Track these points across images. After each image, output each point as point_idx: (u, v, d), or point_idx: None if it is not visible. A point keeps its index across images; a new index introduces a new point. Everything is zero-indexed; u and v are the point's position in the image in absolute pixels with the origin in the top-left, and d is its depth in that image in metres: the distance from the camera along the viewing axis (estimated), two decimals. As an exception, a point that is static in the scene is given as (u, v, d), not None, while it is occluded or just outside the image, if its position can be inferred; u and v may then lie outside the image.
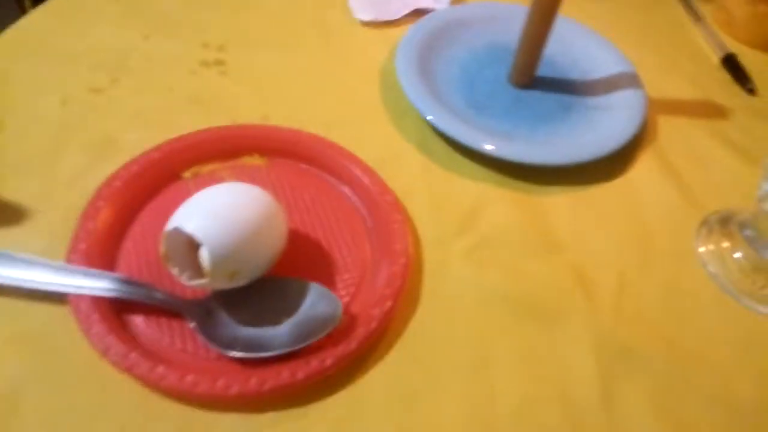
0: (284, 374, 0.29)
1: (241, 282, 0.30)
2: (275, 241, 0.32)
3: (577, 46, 0.50)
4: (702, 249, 0.39)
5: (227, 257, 0.29)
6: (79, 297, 0.30)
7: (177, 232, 0.28)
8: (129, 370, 0.28)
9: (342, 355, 0.30)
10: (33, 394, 0.28)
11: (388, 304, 0.32)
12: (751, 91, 0.52)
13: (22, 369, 0.29)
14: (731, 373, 0.33)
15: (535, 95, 0.47)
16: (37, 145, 0.38)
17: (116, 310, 0.31)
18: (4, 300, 0.31)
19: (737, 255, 0.38)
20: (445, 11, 0.52)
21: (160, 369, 0.28)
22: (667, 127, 0.47)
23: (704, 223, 0.41)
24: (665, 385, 0.32)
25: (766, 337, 0.35)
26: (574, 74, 0.49)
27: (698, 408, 0.32)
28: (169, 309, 0.31)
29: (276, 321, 0.31)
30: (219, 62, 0.46)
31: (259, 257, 0.31)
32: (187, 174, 0.37)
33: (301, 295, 0.32)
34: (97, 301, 0.30)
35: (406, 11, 0.53)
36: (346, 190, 0.38)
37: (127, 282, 0.31)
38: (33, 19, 0.47)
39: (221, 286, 0.30)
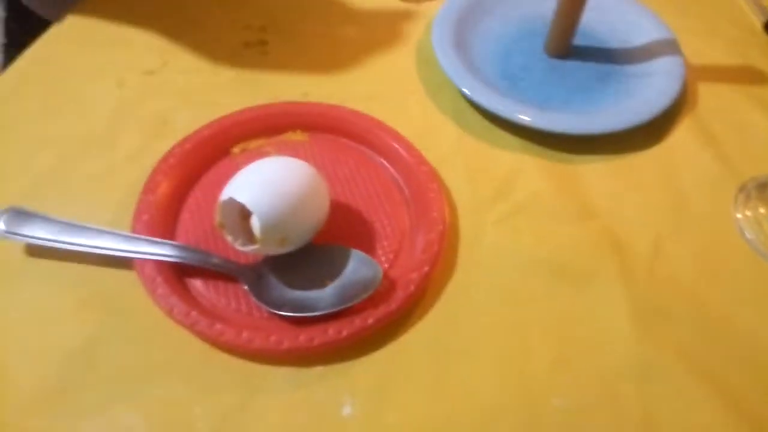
0: (330, 332, 0.31)
1: (289, 248, 0.33)
2: (319, 210, 0.34)
3: (614, 13, 0.50)
4: (739, 215, 0.39)
5: (276, 225, 0.31)
6: (144, 262, 0.33)
7: (231, 202, 0.31)
8: (191, 326, 0.31)
9: (383, 315, 0.32)
10: (106, 350, 0.32)
11: (426, 268, 0.34)
12: (797, 54, 0.50)
13: (95, 328, 0.32)
14: (763, 335, 0.34)
15: (571, 65, 0.47)
16: (98, 126, 0.42)
17: (177, 274, 0.33)
18: (77, 266, 0.34)
19: (776, 220, 0.38)
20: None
21: (219, 326, 0.31)
22: (707, 93, 0.47)
23: (742, 189, 0.41)
24: (697, 344, 0.33)
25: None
26: (612, 42, 0.49)
27: (728, 367, 0.33)
28: (224, 273, 0.33)
29: (321, 284, 0.33)
30: (261, 42, 0.48)
31: (305, 225, 0.33)
32: (235, 149, 0.40)
33: (344, 260, 0.34)
34: (160, 266, 0.33)
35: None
36: (385, 161, 0.40)
37: (186, 248, 0.33)
38: (87, 7, 0.50)
39: (271, 251, 0.33)
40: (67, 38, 0.48)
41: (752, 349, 0.33)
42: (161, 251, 0.33)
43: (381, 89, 0.45)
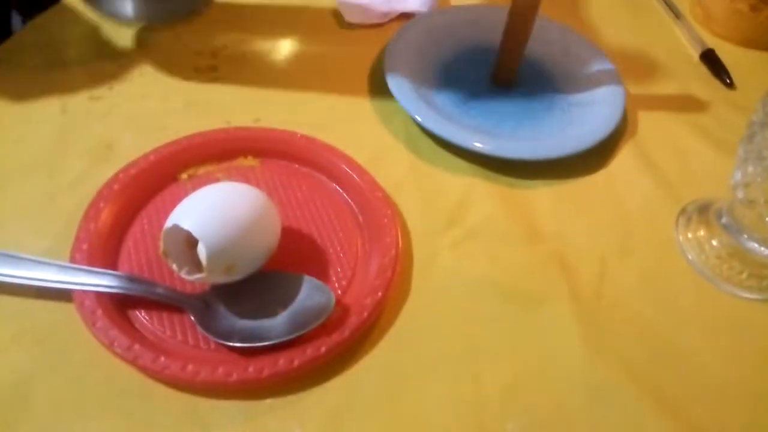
0: (281, 362, 0.30)
1: (237, 276, 0.32)
2: (269, 236, 0.33)
3: (558, 45, 0.52)
4: (681, 237, 0.41)
5: (223, 252, 0.30)
6: (84, 294, 0.31)
7: (175, 229, 0.30)
8: (133, 361, 0.29)
9: (336, 343, 0.31)
10: (42, 387, 0.30)
11: (379, 294, 0.34)
12: (730, 84, 0.53)
13: (31, 363, 0.30)
14: (710, 356, 0.35)
15: (517, 94, 0.49)
16: (39, 152, 0.40)
17: (119, 306, 0.32)
18: (12, 299, 0.32)
19: (715, 242, 0.40)
20: (429, 15, 0.53)
21: (163, 359, 0.29)
22: (647, 121, 0.49)
23: (683, 212, 0.42)
24: (645, 365, 0.34)
25: (743, 321, 0.37)
26: (556, 73, 0.51)
27: (676, 386, 0.33)
28: (169, 303, 0.32)
29: (272, 313, 0.32)
30: (212, 68, 0.48)
31: (253, 252, 0.32)
32: (183, 176, 0.39)
33: (295, 287, 0.33)
34: (101, 298, 0.31)
35: (393, 15, 0.54)
36: (338, 187, 0.40)
37: (129, 279, 0.32)
38: (31, 30, 0.49)
39: (218, 280, 0.32)
40: (9, 61, 0.46)
41: (698, 368, 0.34)
42: (102, 281, 0.31)
43: (334, 115, 0.45)
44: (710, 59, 0.55)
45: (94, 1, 0.45)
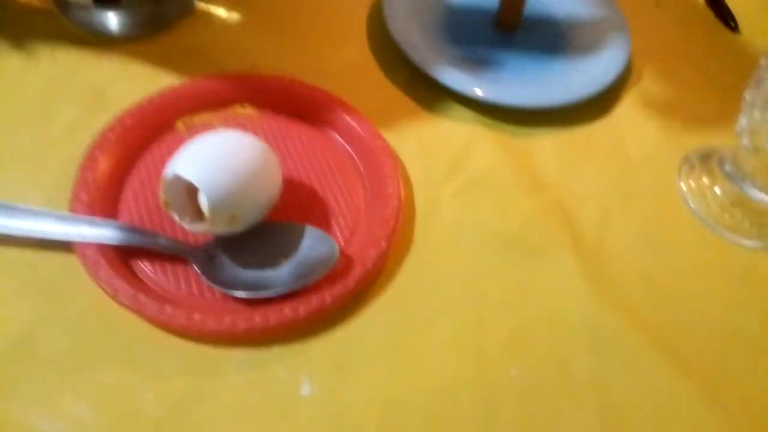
0: (286, 311, 0.30)
1: (239, 226, 0.32)
2: (271, 186, 0.33)
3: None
4: (683, 185, 0.41)
5: (225, 202, 0.30)
6: (86, 245, 0.31)
7: (176, 178, 0.29)
8: (138, 311, 0.29)
9: (340, 293, 0.31)
10: (48, 337, 0.30)
11: (383, 244, 0.33)
12: (735, 28, 0.52)
13: (36, 314, 0.30)
14: (712, 304, 0.35)
15: (521, 39, 0.47)
16: (29, 99, 0.39)
17: (122, 256, 0.32)
18: (13, 250, 0.32)
19: (717, 190, 0.40)
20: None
21: (168, 309, 0.29)
22: (651, 67, 0.48)
23: (686, 160, 0.42)
24: (648, 312, 0.34)
25: (745, 269, 0.37)
26: (559, 17, 0.49)
27: (678, 332, 0.34)
28: (172, 254, 0.32)
29: (276, 263, 0.32)
30: (205, 14, 0.46)
31: (256, 202, 0.32)
32: (180, 124, 0.38)
33: (299, 238, 0.33)
34: (103, 248, 0.31)
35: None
36: (339, 137, 0.39)
37: (131, 229, 0.32)
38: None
39: (221, 230, 0.32)
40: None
41: (700, 314, 0.35)
42: (103, 232, 0.31)
43: (333, 63, 0.44)
44: (715, 2, 0.54)
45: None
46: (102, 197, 0.33)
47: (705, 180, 0.41)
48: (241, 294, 0.31)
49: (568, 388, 0.31)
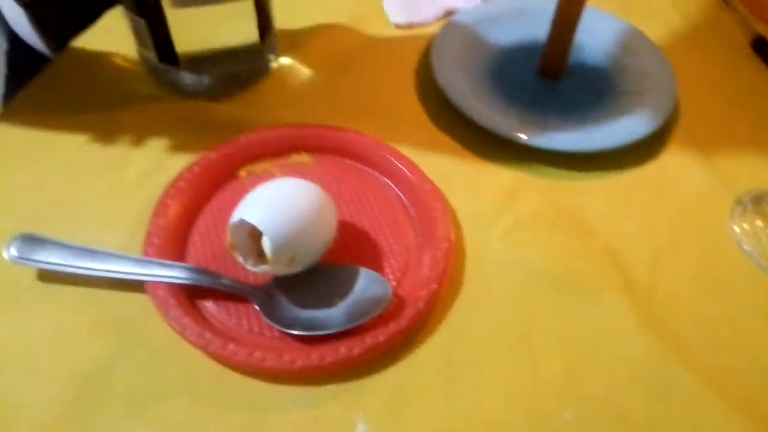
0: (342, 350, 0.31)
1: (298, 267, 0.33)
2: (327, 229, 0.34)
3: (605, 34, 0.52)
4: (736, 228, 0.41)
5: (286, 244, 0.32)
6: (156, 285, 0.33)
7: (242, 223, 0.31)
8: (204, 347, 0.31)
9: (394, 333, 0.32)
10: (120, 372, 0.32)
11: (434, 286, 0.34)
12: (783, 71, 0.52)
13: (109, 350, 0.33)
14: (765, 346, 0.35)
15: (566, 85, 0.49)
16: (107, 150, 0.42)
17: (189, 296, 0.34)
18: (90, 290, 0.34)
19: (771, 232, 0.40)
20: (476, 8, 0.54)
21: (231, 346, 0.31)
22: (699, 110, 0.48)
23: (738, 202, 0.42)
24: (703, 356, 0.34)
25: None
26: (604, 63, 0.51)
27: (735, 376, 0.33)
28: (235, 294, 0.34)
29: (331, 303, 0.34)
30: (276, 73, 0.49)
31: (314, 244, 0.34)
32: (242, 173, 0.41)
33: (353, 279, 0.34)
34: (172, 288, 0.33)
35: (440, 12, 0.55)
36: (389, 181, 0.41)
37: (197, 270, 0.34)
38: (96, 33, 0.51)
39: (281, 271, 0.33)
40: (73, 64, 0.48)
41: (758, 358, 0.34)
42: (173, 273, 0.33)
43: (382, 110, 0.46)
44: (761, 46, 0.54)
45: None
46: (172, 241, 0.36)
47: (759, 222, 0.40)
48: (298, 332, 0.32)
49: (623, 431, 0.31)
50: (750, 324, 0.36)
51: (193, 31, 0.42)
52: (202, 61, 0.44)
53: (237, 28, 0.44)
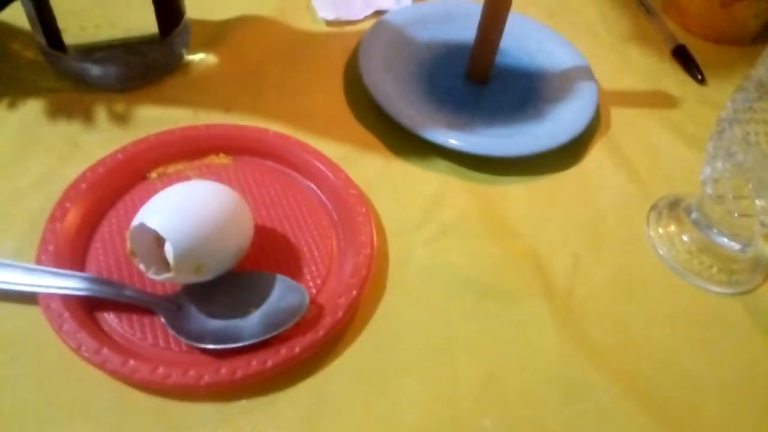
0: (254, 363, 0.30)
1: (207, 276, 0.31)
2: (240, 236, 0.33)
3: (531, 41, 0.52)
4: (652, 233, 0.42)
5: (191, 252, 0.30)
6: (50, 297, 0.30)
7: (142, 228, 0.29)
8: (102, 365, 0.29)
9: (310, 343, 0.31)
10: (8, 392, 0.29)
11: (354, 293, 0.33)
12: (701, 80, 0.54)
13: (-3, 369, 0.30)
14: (682, 349, 0.35)
15: (492, 90, 0.49)
16: (1, 150, 0.39)
17: (87, 308, 0.31)
18: (-25, 302, 0.31)
19: (685, 237, 0.41)
20: (405, 9, 0.53)
21: (132, 363, 0.29)
22: (620, 117, 0.49)
23: (654, 207, 0.43)
24: (619, 360, 0.34)
25: (714, 315, 0.38)
26: (530, 69, 0.51)
27: (650, 381, 0.34)
28: (139, 305, 0.32)
29: (245, 313, 0.32)
30: (188, 66, 0.47)
31: (224, 252, 0.32)
32: (153, 174, 0.38)
33: (268, 287, 0.33)
34: (68, 300, 0.30)
35: (369, 11, 0.54)
36: (312, 185, 0.40)
37: (96, 281, 0.31)
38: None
39: (187, 280, 0.31)
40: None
41: (672, 361, 0.35)
42: (68, 284, 0.31)
43: (307, 111, 0.45)
44: (682, 55, 0.56)
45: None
46: (70, 248, 0.33)
47: (673, 227, 0.41)
48: (207, 346, 0.30)
49: (540, 440, 0.31)
50: (663, 328, 0.36)
51: (83, 17, 0.40)
52: (99, 51, 0.41)
53: (132, 17, 0.41)
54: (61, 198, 0.35)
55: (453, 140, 0.42)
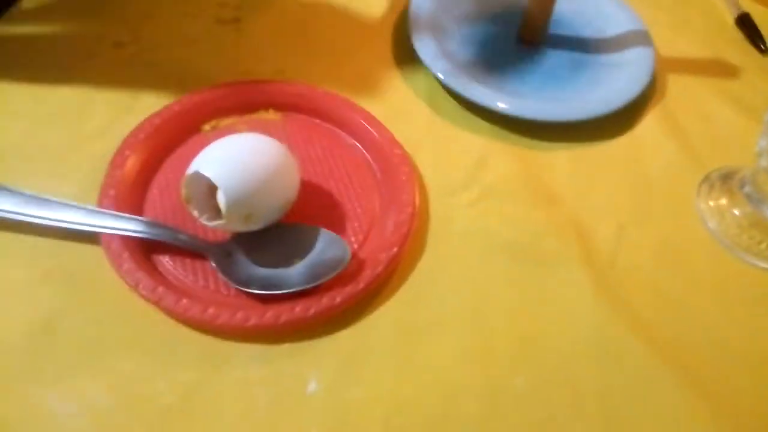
0: (297, 309, 0.31)
1: (256, 225, 0.33)
2: (288, 189, 0.34)
3: (588, 3, 0.51)
4: (702, 205, 0.41)
5: (242, 201, 0.31)
6: (111, 237, 0.32)
7: (196, 176, 0.31)
8: (157, 302, 0.31)
9: (350, 295, 0.32)
10: (70, 323, 0.31)
11: (395, 249, 0.34)
12: (764, 50, 0.52)
13: (59, 301, 0.32)
14: (724, 323, 0.35)
15: (545, 53, 0.48)
16: (65, 99, 0.41)
17: (145, 250, 0.33)
18: (42, 239, 0.33)
19: (736, 211, 0.40)
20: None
21: (185, 302, 0.31)
22: (676, 85, 0.48)
23: (706, 179, 0.42)
24: (657, 328, 0.34)
25: (761, 291, 0.37)
26: (585, 32, 0.50)
27: (686, 349, 0.34)
28: (192, 250, 0.33)
29: (290, 263, 0.33)
30: (235, 19, 0.48)
31: (272, 203, 0.33)
32: (206, 127, 0.40)
33: (313, 240, 0.34)
34: (127, 241, 0.32)
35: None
36: (357, 143, 0.40)
37: (154, 224, 0.33)
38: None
39: (237, 228, 0.33)
40: (35, 9, 0.46)
41: (712, 333, 0.34)
42: (128, 226, 0.32)
43: (356, 70, 0.45)
44: (745, 23, 0.53)
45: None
46: (129, 194, 0.35)
47: (724, 201, 0.40)
48: (254, 290, 0.32)
49: (572, 399, 0.31)
50: (708, 300, 0.36)
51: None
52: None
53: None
54: (121, 146, 0.36)
55: (500, 103, 0.42)
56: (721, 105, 0.47)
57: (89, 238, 0.33)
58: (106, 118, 0.40)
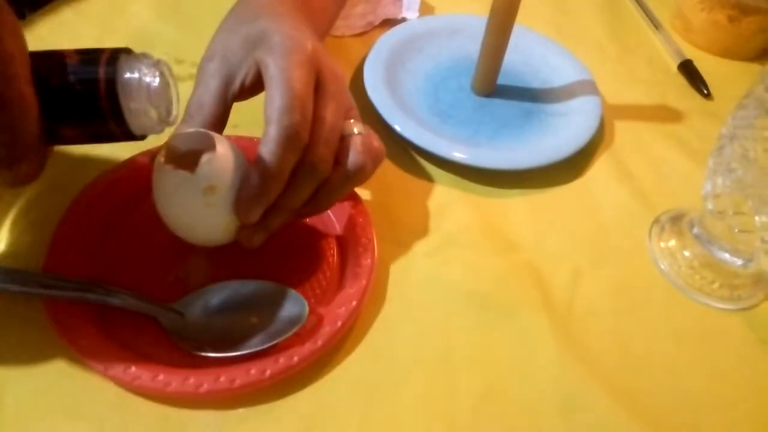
0: (253, 372, 0.30)
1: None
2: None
3: (536, 54, 0.53)
4: (654, 247, 0.42)
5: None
6: (56, 302, 0.31)
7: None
8: (104, 371, 0.29)
9: (308, 353, 0.31)
10: (13, 395, 0.30)
11: (354, 303, 0.34)
12: (707, 94, 0.54)
13: (4, 371, 0.30)
14: (682, 365, 0.36)
15: (496, 103, 0.49)
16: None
17: (93, 314, 0.32)
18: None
19: (687, 252, 0.41)
20: (410, 24, 0.54)
21: (133, 369, 0.29)
22: (624, 131, 0.50)
23: (656, 221, 0.43)
24: (619, 375, 0.34)
25: (715, 330, 0.38)
26: (534, 82, 0.52)
27: (650, 396, 0.34)
28: (143, 313, 0.32)
29: (246, 322, 0.33)
30: (192, 77, 0.48)
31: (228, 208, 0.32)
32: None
33: (268, 297, 0.33)
34: (74, 306, 0.31)
35: (376, 23, 0.55)
36: (315, 196, 0.40)
37: (100, 288, 0.32)
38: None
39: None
40: None
41: (671, 377, 0.35)
42: (74, 290, 0.31)
43: (313, 124, 0.45)
44: (688, 70, 0.56)
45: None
46: (76, 255, 0.34)
47: (674, 242, 0.41)
48: (207, 354, 0.31)
49: (537, 453, 0.31)
50: (664, 343, 0.36)
51: None
52: None
53: None
54: (72, 203, 0.35)
55: (457, 153, 0.43)
56: (668, 149, 0.49)
57: (35, 302, 0.32)
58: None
